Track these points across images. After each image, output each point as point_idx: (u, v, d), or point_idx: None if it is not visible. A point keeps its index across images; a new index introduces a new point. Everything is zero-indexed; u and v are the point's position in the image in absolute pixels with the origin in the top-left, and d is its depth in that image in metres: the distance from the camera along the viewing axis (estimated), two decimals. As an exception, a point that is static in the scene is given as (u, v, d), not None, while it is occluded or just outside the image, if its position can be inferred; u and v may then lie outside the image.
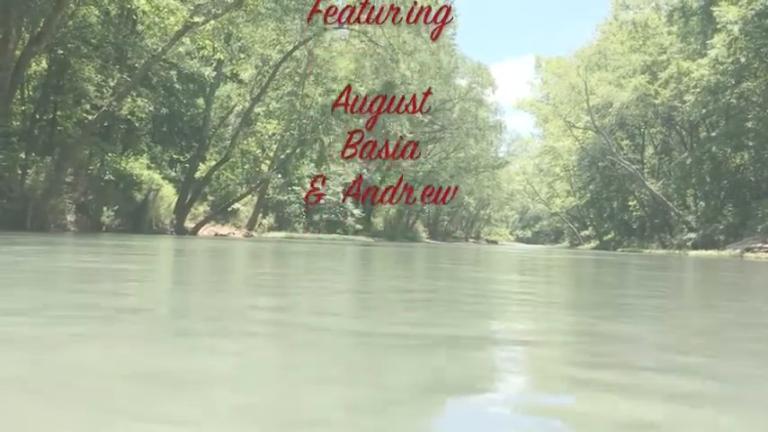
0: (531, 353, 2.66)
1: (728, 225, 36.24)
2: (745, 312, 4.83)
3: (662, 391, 1.95)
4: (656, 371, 2.31)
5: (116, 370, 1.95)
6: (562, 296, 6.06)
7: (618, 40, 49.99)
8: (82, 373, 1.89)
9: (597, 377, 2.17)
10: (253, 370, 2.09)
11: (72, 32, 21.48)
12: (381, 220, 60.45)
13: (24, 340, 2.39)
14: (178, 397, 1.69)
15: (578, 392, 1.97)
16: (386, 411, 1.63)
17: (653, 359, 2.60)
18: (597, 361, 2.49)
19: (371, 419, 1.55)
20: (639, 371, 2.30)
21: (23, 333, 2.54)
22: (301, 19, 28.16)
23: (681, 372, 2.29)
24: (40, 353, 2.17)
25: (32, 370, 1.92)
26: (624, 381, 2.10)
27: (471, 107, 62.04)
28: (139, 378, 1.85)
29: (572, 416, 1.70)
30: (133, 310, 3.43)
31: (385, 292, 5.36)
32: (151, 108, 27.65)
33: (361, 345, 2.66)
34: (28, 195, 19.24)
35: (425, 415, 1.69)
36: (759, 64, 33.92)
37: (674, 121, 45.73)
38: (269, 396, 1.76)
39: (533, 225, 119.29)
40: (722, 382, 2.14)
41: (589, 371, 2.29)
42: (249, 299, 4.48)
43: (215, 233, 30.41)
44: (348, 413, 1.59)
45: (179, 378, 1.88)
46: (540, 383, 2.16)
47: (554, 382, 2.16)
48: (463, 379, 2.03)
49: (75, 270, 6.17)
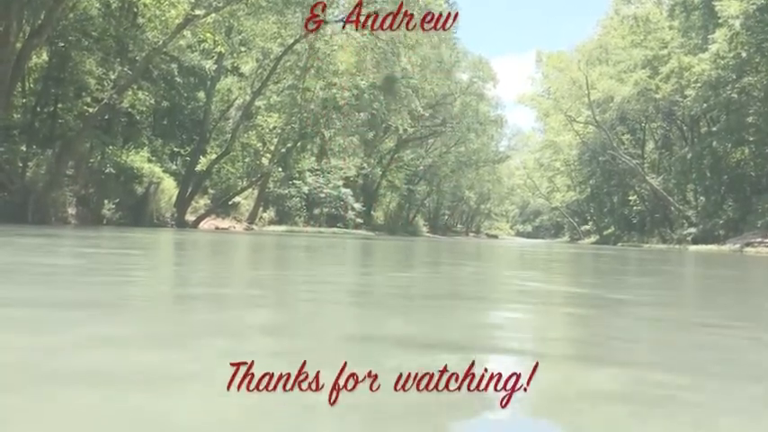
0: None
1: (729, 220, 36.25)
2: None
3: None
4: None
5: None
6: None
7: (619, 35, 49.85)
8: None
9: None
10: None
11: (73, 25, 21.48)
12: (382, 214, 60.53)
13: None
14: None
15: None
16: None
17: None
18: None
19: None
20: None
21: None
22: (302, 12, 28.12)
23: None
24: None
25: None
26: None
27: (472, 101, 61.95)
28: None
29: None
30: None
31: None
32: (152, 101, 27.66)
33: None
34: (29, 188, 19.27)
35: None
36: (760, 59, 33.87)
37: (674, 116, 45.66)
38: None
39: (533, 219, 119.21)
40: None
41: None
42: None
43: (215, 227, 30.45)
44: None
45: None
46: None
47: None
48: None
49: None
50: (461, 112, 59.79)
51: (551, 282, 7.23)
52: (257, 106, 33.30)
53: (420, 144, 62.34)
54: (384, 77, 39.97)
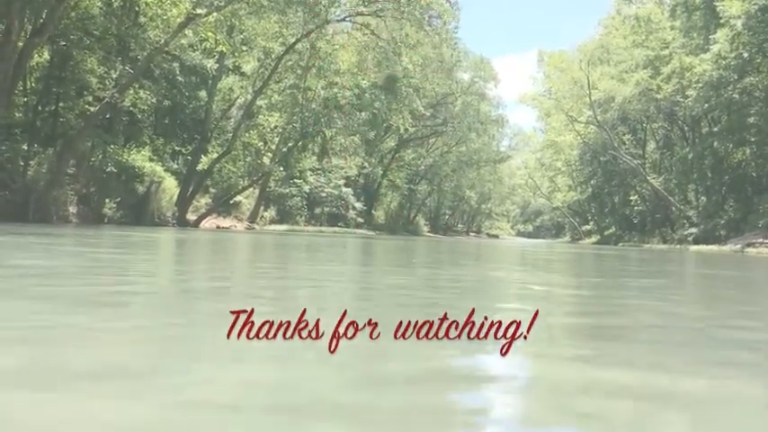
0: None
1: (730, 220, 36.23)
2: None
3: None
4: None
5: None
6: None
7: (620, 35, 49.84)
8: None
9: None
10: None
11: (74, 24, 21.50)
12: (383, 214, 60.55)
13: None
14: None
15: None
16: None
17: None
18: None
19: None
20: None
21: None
22: (304, 11, 28.15)
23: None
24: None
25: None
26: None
27: (473, 101, 61.96)
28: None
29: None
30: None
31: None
32: (153, 100, 27.66)
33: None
34: (30, 187, 19.29)
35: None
36: (762, 59, 33.85)
37: (675, 116, 45.64)
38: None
39: (534, 219, 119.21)
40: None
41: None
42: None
43: (216, 225, 30.47)
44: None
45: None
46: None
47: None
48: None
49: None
50: (463, 111, 59.78)
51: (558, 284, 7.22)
52: (259, 105, 33.33)
53: (421, 144, 62.38)
54: (385, 77, 39.94)
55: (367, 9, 31.02)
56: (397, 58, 33.39)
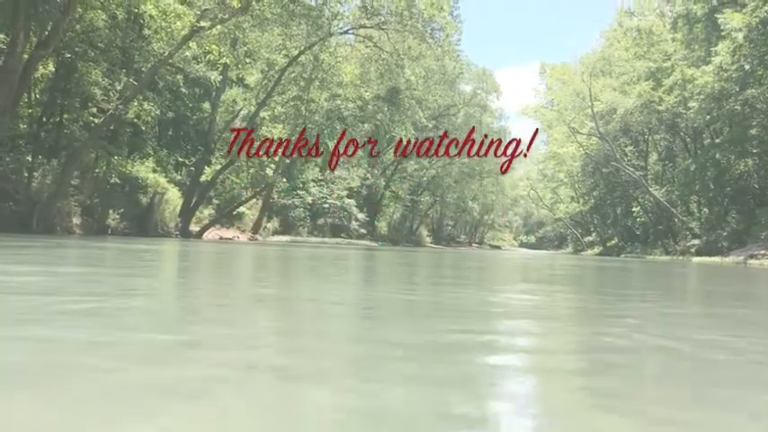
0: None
1: (732, 232, 36.18)
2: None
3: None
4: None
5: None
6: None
7: (622, 47, 50.00)
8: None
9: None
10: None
11: (79, 36, 21.68)
12: (385, 225, 60.62)
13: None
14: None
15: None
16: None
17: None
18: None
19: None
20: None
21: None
22: (307, 24, 28.37)
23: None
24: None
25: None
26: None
27: (476, 113, 62.22)
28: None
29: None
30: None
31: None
32: (157, 112, 27.81)
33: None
34: (34, 198, 19.38)
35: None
36: (763, 71, 33.91)
37: (677, 128, 45.70)
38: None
39: (537, 230, 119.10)
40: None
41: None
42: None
43: (219, 237, 30.52)
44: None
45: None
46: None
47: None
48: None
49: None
50: (465, 123, 59.98)
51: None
52: (262, 117, 33.49)
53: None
54: (388, 89, 40.20)
55: (370, 22, 31.26)
56: (399, 70, 33.64)
